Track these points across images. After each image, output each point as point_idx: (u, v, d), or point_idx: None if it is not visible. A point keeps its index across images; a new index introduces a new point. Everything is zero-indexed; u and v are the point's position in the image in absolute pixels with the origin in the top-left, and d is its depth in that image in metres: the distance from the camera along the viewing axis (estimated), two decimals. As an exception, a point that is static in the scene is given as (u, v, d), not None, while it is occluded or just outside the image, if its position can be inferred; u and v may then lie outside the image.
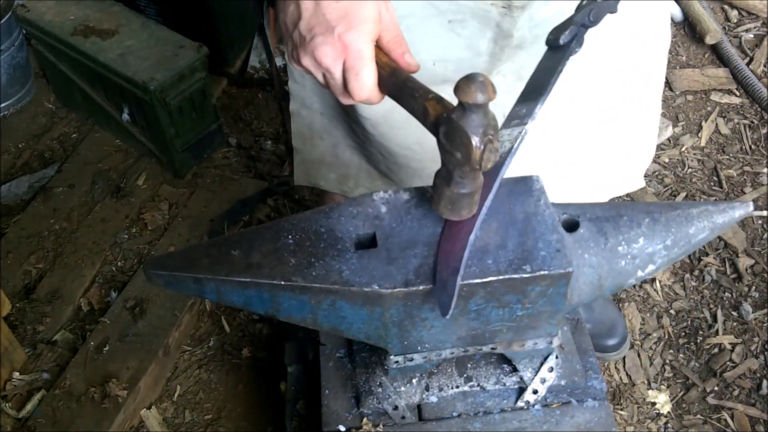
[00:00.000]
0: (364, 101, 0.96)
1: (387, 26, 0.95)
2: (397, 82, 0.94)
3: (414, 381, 1.15)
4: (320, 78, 0.98)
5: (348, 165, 1.62)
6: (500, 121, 1.41)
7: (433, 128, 0.90)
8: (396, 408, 1.15)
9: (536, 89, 1.05)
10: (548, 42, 1.07)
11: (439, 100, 0.90)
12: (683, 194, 2.37)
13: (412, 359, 1.07)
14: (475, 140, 0.84)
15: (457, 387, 1.18)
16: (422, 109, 0.91)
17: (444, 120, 0.87)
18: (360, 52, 0.92)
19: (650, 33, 1.43)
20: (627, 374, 1.99)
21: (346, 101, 0.99)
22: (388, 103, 1.38)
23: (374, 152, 1.54)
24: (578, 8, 1.05)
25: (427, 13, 1.24)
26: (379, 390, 1.15)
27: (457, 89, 0.84)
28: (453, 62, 1.31)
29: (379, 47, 0.96)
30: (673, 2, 2.89)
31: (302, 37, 0.95)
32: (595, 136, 1.47)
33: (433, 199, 0.95)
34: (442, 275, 0.94)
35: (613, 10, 1.06)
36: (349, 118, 1.51)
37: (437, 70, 1.32)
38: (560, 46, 1.06)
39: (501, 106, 1.40)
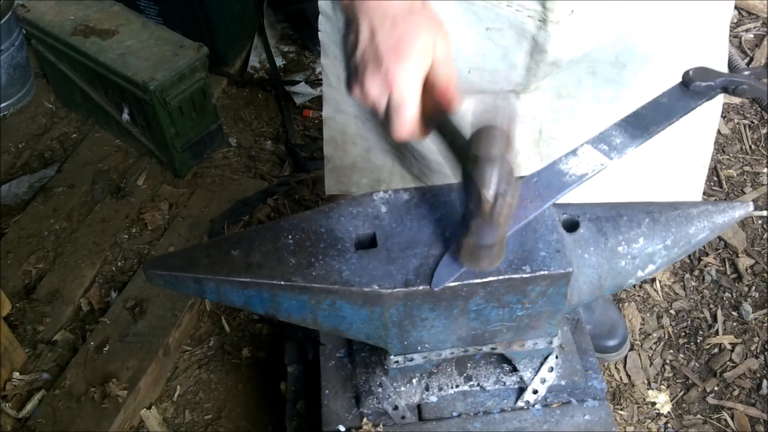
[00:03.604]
0: (406, 138, 0.93)
1: (440, 59, 0.92)
2: (440, 120, 0.92)
3: (414, 381, 1.15)
4: (370, 109, 0.95)
5: (381, 169, 1.61)
6: (532, 139, 1.41)
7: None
8: (396, 408, 1.15)
9: (643, 125, 1.02)
10: (685, 79, 1.04)
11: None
12: (683, 194, 2.37)
13: (412, 359, 1.07)
14: (486, 193, 0.83)
15: (457, 387, 1.18)
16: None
17: (461, 171, 0.86)
18: (403, 87, 0.89)
19: (704, 60, 1.40)
20: (627, 374, 1.99)
21: (392, 137, 0.95)
22: None
23: (408, 155, 1.54)
24: (734, 68, 1.04)
25: (466, 20, 1.23)
26: (379, 390, 1.15)
27: (473, 140, 0.82)
28: (489, 72, 1.29)
29: (428, 82, 0.92)
30: (673, 2, 2.89)
31: (356, 66, 0.92)
32: (654, 160, 1.43)
33: (455, 249, 0.94)
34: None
35: (759, 98, 1.05)
36: None
37: (473, 79, 1.30)
38: (696, 91, 1.03)
39: (538, 122, 1.40)
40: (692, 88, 1.04)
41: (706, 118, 1.48)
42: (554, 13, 1.17)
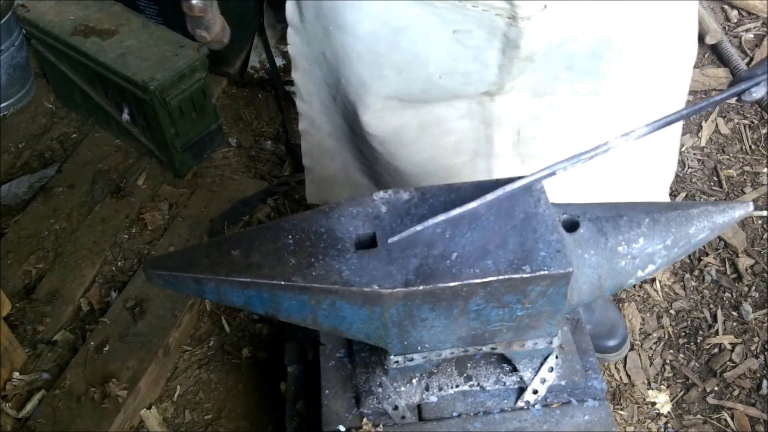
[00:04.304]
0: None
1: None
2: None
3: (414, 381, 1.15)
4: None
5: (360, 186, 1.61)
6: (511, 141, 1.41)
7: None
8: (396, 408, 1.15)
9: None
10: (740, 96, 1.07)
11: None
12: (683, 194, 2.37)
13: (412, 359, 1.07)
14: None
15: (457, 387, 1.18)
16: None
17: None
18: None
19: (678, 47, 1.39)
20: (627, 374, 1.99)
21: None
22: (397, 120, 1.39)
23: (383, 173, 1.52)
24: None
25: (431, 24, 1.22)
26: (379, 390, 1.15)
27: None
28: (461, 75, 1.29)
29: None
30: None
31: None
32: (620, 154, 1.45)
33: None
34: None
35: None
36: (357, 138, 1.49)
37: (445, 84, 1.30)
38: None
39: (516, 123, 1.40)
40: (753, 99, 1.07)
41: (668, 134, 1.49)
42: (523, 9, 1.16)
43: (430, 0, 1.19)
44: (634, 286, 2.16)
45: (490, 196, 0.99)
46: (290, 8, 1.37)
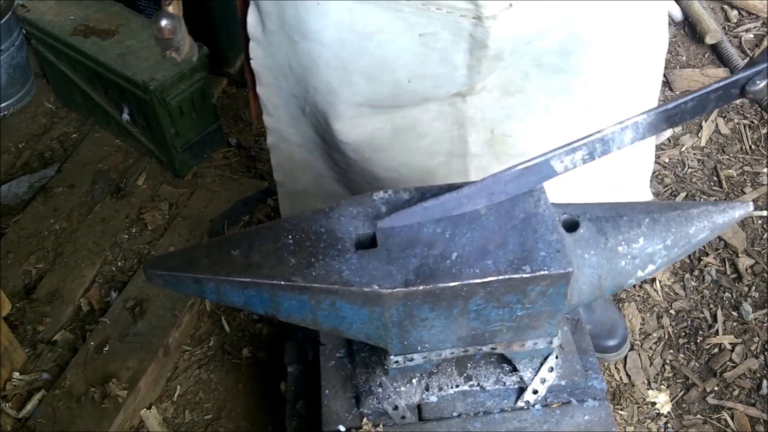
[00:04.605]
0: None
1: None
2: None
3: (414, 381, 1.15)
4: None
5: (334, 196, 1.60)
6: (485, 140, 1.41)
7: None
8: (396, 408, 1.15)
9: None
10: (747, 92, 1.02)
11: None
12: (683, 194, 2.37)
13: (412, 359, 1.07)
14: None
15: (457, 387, 1.18)
16: None
17: None
18: None
19: (648, 40, 1.39)
20: (627, 374, 1.99)
21: None
22: (370, 125, 1.38)
23: (358, 180, 1.51)
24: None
25: (397, 28, 1.21)
26: (379, 390, 1.15)
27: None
28: (430, 78, 1.28)
29: None
30: (673, 2, 2.89)
31: None
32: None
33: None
34: None
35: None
36: (329, 147, 1.48)
37: (415, 88, 1.29)
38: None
39: (489, 123, 1.39)
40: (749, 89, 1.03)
41: (652, 43, 1.45)
42: (488, 8, 1.15)
43: (395, 3, 1.18)
44: (634, 286, 2.16)
45: (490, 179, 1.00)
46: (252, 21, 1.36)
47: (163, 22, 1.23)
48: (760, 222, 2.28)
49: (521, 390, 1.18)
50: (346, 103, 1.34)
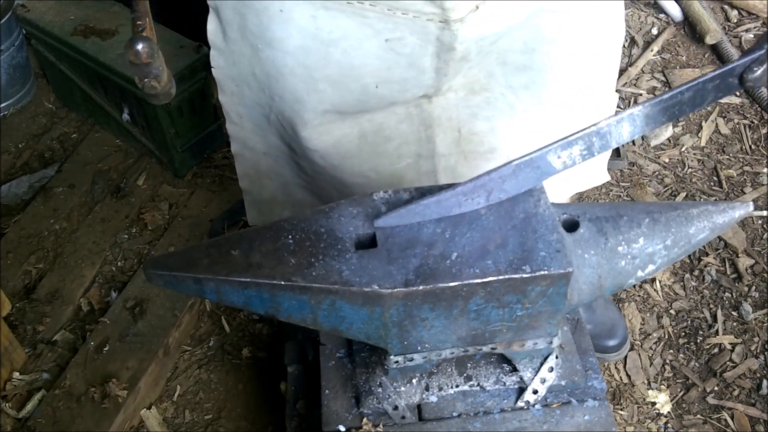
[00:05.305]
0: None
1: None
2: None
3: (414, 381, 1.15)
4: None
5: (302, 204, 1.59)
6: (453, 139, 1.41)
7: None
8: (396, 408, 1.16)
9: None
10: (742, 82, 1.00)
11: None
12: (683, 194, 2.37)
13: (412, 359, 1.07)
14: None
15: (457, 387, 1.18)
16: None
17: None
18: None
19: (607, 31, 1.40)
20: (627, 374, 1.99)
21: None
22: (337, 132, 1.38)
23: (326, 187, 1.51)
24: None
25: (363, 34, 1.21)
26: (379, 390, 1.15)
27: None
28: (397, 83, 1.28)
29: None
30: (673, 2, 2.89)
31: None
32: (553, 131, 1.44)
33: None
34: None
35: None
36: (296, 154, 1.47)
37: (382, 93, 1.29)
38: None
39: (456, 122, 1.40)
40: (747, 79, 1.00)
41: (610, 34, 1.45)
42: (456, 12, 1.15)
43: (360, 9, 1.17)
44: (634, 286, 2.16)
45: (490, 173, 1.01)
46: (212, 29, 1.34)
47: (140, 46, 1.15)
48: (760, 222, 2.28)
49: (521, 390, 1.18)
50: (313, 111, 1.33)
